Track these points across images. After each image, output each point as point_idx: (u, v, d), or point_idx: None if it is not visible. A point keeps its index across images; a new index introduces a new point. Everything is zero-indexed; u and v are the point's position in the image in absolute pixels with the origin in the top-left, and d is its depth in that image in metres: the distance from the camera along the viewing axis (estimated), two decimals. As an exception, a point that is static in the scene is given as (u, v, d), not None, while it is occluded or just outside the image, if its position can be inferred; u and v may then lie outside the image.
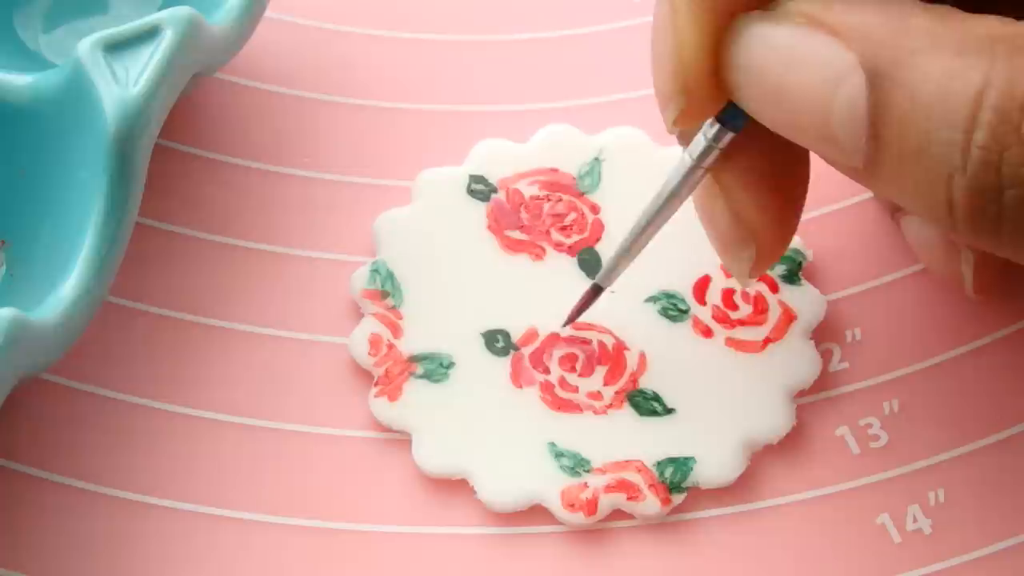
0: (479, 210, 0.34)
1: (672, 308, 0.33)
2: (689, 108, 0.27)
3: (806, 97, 0.25)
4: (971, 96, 0.23)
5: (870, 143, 0.24)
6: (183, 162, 0.35)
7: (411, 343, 0.32)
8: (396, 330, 0.33)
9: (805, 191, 0.29)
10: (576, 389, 0.32)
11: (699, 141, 0.28)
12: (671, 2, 0.27)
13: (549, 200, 0.34)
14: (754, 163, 0.28)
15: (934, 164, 0.24)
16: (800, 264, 0.33)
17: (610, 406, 0.32)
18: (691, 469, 0.31)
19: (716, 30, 0.26)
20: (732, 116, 0.27)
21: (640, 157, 0.35)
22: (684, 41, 0.26)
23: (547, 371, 0.32)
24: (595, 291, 0.31)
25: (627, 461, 0.31)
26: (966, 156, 0.23)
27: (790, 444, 0.32)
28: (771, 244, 0.29)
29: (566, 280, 0.33)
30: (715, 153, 0.28)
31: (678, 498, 0.31)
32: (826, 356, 0.33)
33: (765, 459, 0.32)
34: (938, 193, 0.24)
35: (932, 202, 0.24)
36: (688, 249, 0.32)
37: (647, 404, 0.32)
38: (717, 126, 0.28)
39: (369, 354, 0.32)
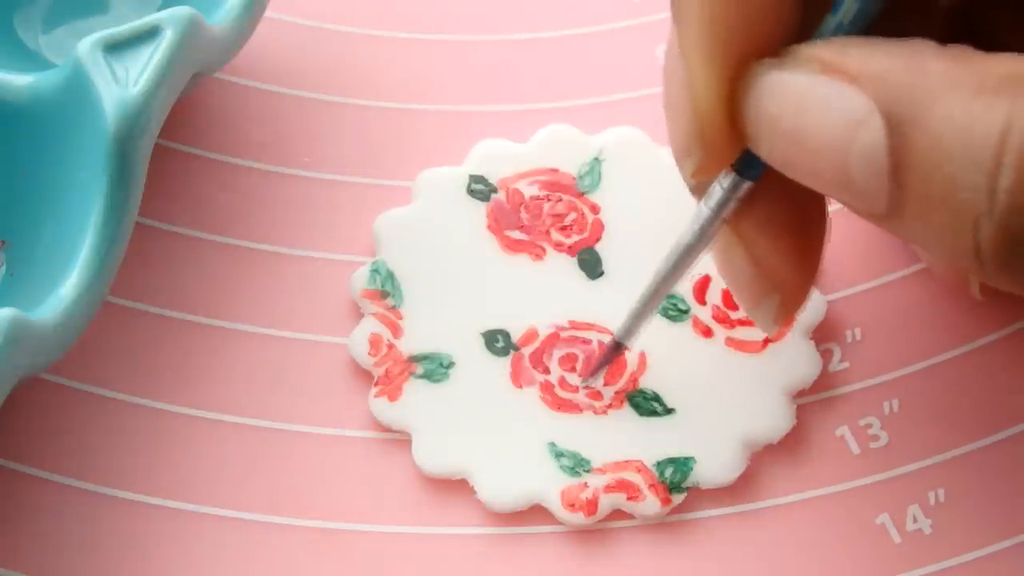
0: (479, 210, 0.34)
1: (672, 308, 0.33)
2: (707, 160, 0.27)
3: (824, 144, 0.24)
4: (994, 138, 0.23)
5: (891, 189, 0.24)
6: (183, 162, 0.35)
7: (411, 343, 0.32)
8: (396, 330, 0.33)
9: (824, 233, 0.29)
10: (576, 389, 0.32)
11: (715, 191, 0.28)
12: (683, 54, 0.26)
13: (549, 200, 0.34)
14: (772, 210, 0.28)
15: (959, 209, 0.23)
16: (800, 264, 0.33)
17: (610, 406, 0.32)
18: (691, 469, 0.31)
19: (730, 79, 0.26)
20: (748, 165, 0.27)
21: (640, 157, 0.35)
22: (698, 93, 0.26)
23: (547, 371, 0.32)
24: (616, 347, 0.31)
25: (627, 461, 0.31)
26: (992, 200, 0.23)
27: (790, 444, 0.32)
28: (795, 290, 0.29)
29: (566, 280, 0.33)
30: (732, 203, 0.28)
31: (678, 498, 0.31)
32: (826, 356, 0.33)
33: (765, 459, 0.32)
34: (964, 238, 0.23)
35: (958, 247, 0.24)
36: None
37: (647, 404, 0.32)
38: (733, 175, 0.27)
39: (369, 354, 0.32)
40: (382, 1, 0.37)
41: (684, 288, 0.33)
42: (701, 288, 0.33)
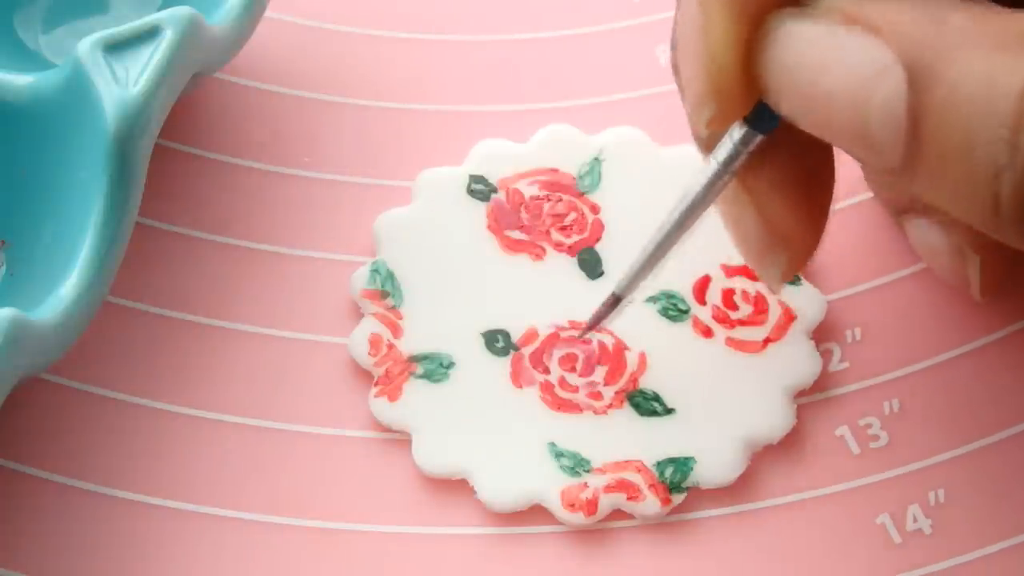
0: (479, 210, 0.34)
1: (672, 308, 0.33)
2: (722, 110, 0.26)
3: (843, 95, 0.24)
4: (1016, 93, 0.23)
5: (909, 142, 0.24)
6: (183, 162, 0.35)
7: (411, 343, 0.32)
8: (396, 330, 0.33)
9: (832, 190, 0.29)
10: (576, 389, 0.32)
11: (725, 145, 0.27)
12: (700, 3, 0.26)
13: (549, 200, 0.34)
14: (783, 167, 0.28)
15: (979, 162, 0.23)
16: (800, 264, 0.33)
17: (610, 406, 0.32)
18: (691, 469, 0.31)
19: (748, 29, 0.26)
20: (761, 118, 0.27)
21: (640, 157, 0.35)
22: (716, 42, 0.26)
23: (547, 371, 0.32)
24: (615, 301, 0.31)
25: (627, 461, 0.31)
26: (1014, 153, 0.23)
27: (790, 444, 0.32)
28: (804, 246, 0.29)
29: (566, 280, 0.33)
30: (743, 157, 0.27)
31: (678, 498, 0.31)
32: (826, 356, 0.33)
33: (765, 459, 0.32)
34: (983, 192, 0.24)
35: (976, 201, 0.24)
36: (689, 249, 0.32)
37: (647, 404, 0.32)
38: (745, 128, 0.27)
39: (369, 354, 0.32)
40: (382, 1, 0.37)
41: (684, 288, 0.33)
42: (701, 288, 0.33)
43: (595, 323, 0.31)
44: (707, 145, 0.28)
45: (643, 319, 0.33)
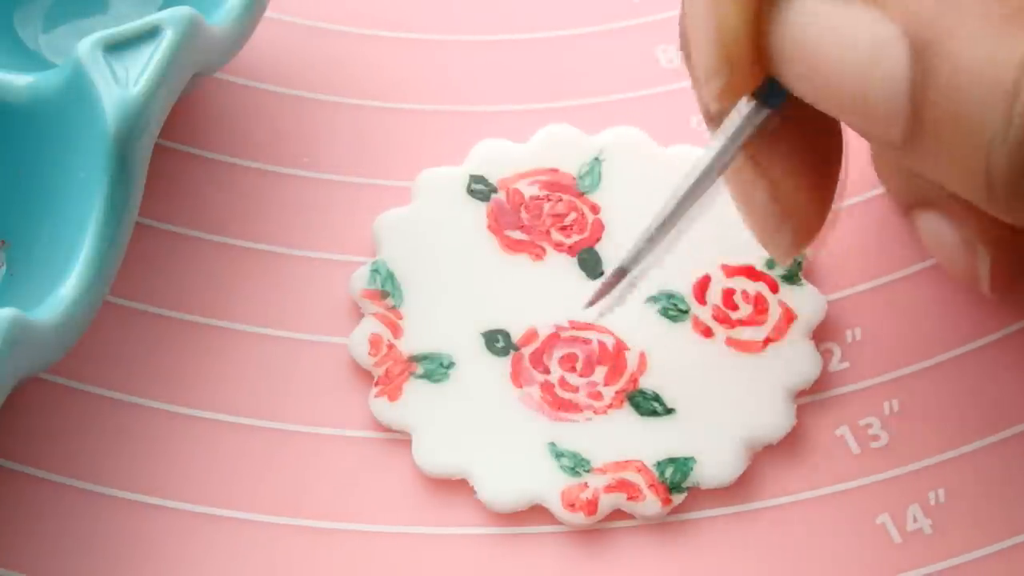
0: (479, 210, 0.34)
1: (672, 308, 0.33)
2: (732, 81, 0.27)
3: (846, 68, 0.25)
4: (1014, 65, 0.23)
5: (910, 116, 0.24)
6: (183, 162, 0.35)
7: (411, 343, 0.32)
8: (396, 330, 0.33)
9: (840, 164, 0.29)
10: (576, 389, 0.32)
11: (733, 119, 0.27)
12: None
13: (549, 200, 0.34)
14: (792, 139, 0.28)
15: (973, 131, 0.24)
16: (800, 264, 0.33)
17: (610, 406, 0.32)
18: (691, 469, 0.31)
19: (756, 2, 0.26)
20: (769, 92, 0.27)
21: (640, 157, 0.35)
22: (725, 15, 0.26)
23: (547, 371, 0.32)
24: (620, 274, 0.30)
25: (627, 461, 0.31)
26: (1007, 123, 0.23)
27: (790, 444, 0.32)
28: (812, 220, 0.29)
29: (566, 280, 0.33)
30: (749, 131, 0.27)
31: (678, 498, 0.31)
32: (826, 356, 0.33)
33: (765, 459, 0.32)
34: (977, 162, 0.24)
35: (970, 171, 0.24)
36: (688, 249, 0.32)
37: (647, 404, 0.32)
38: (753, 103, 0.27)
39: (369, 354, 0.32)
40: (382, 1, 0.37)
41: (684, 288, 0.33)
42: (701, 288, 0.33)
43: (600, 296, 0.30)
44: (716, 120, 0.28)
45: (643, 319, 0.33)
